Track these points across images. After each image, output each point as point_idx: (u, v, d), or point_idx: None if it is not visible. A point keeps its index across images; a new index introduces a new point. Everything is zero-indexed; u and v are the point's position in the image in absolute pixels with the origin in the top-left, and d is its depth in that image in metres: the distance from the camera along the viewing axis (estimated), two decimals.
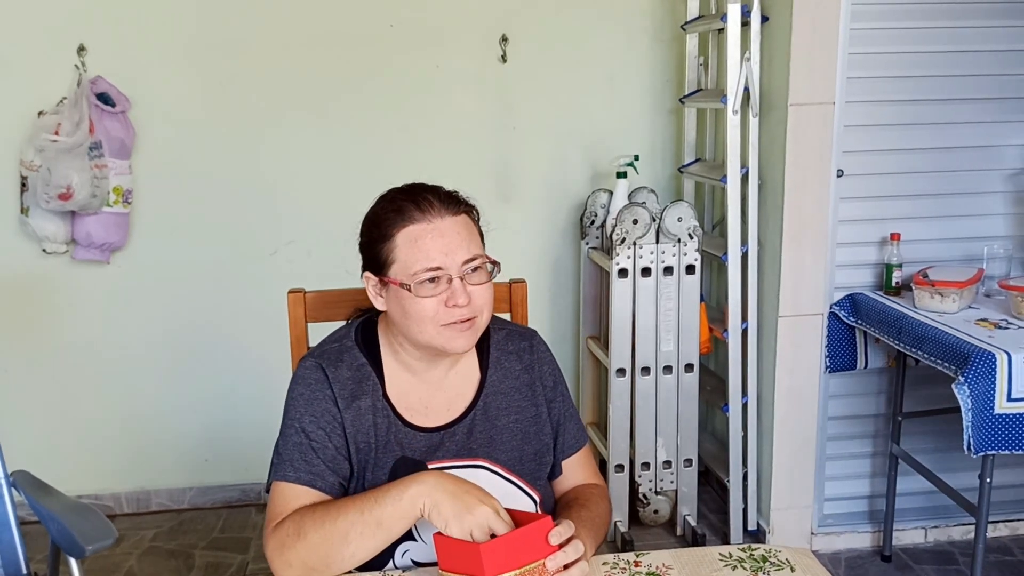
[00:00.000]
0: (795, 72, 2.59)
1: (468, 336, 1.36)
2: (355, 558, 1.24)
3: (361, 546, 1.23)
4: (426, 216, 1.32)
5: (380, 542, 1.24)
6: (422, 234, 1.31)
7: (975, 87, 2.72)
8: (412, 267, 1.32)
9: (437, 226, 1.32)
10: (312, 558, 1.24)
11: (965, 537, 2.90)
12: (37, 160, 2.79)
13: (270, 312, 3.05)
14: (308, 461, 1.35)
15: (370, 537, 1.23)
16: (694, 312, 2.86)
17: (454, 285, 1.32)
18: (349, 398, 1.38)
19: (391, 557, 1.36)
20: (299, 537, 1.25)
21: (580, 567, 1.20)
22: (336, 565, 1.24)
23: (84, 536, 1.69)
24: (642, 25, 3.16)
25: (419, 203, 1.33)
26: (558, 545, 1.19)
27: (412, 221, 1.32)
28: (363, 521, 1.22)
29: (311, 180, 3.10)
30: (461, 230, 1.34)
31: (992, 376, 2.16)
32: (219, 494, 3.25)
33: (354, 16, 3.02)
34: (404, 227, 1.33)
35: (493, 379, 1.47)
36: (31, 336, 3.06)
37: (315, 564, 1.25)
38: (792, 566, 1.31)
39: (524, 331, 1.55)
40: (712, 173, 2.92)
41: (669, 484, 2.99)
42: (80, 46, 2.89)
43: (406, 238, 1.32)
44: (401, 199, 1.36)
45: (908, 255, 2.71)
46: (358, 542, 1.23)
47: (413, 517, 1.22)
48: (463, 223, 1.35)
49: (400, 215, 1.33)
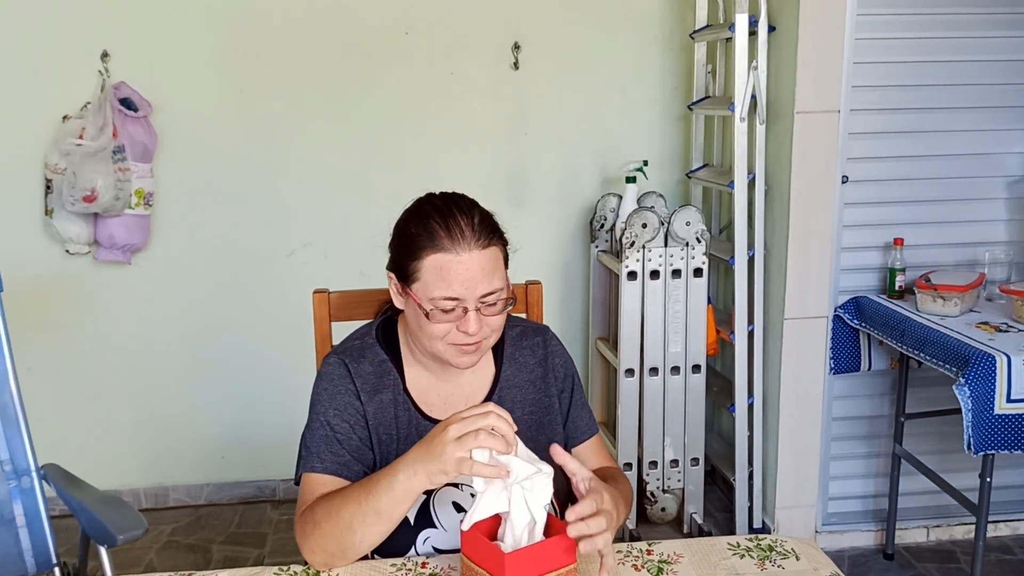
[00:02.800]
0: (801, 81, 2.66)
1: (474, 356, 1.42)
2: (364, 543, 1.30)
3: (367, 533, 1.29)
4: (455, 247, 1.35)
5: (385, 527, 1.29)
6: (448, 265, 1.35)
7: (977, 96, 2.79)
8: (432, 292, 1.36)
9: (464, 260, 1.35)
10: (329, 545, 1.31)
11: (966, 536, 2.96)
12: (62, 163, 2.86)
13: (286, 313, 3.13)
14: (334, 452, 1.41)
15: (373, 525, 1.28)
16: (701, 314, 2.93)
17: (468, 315, 1.37)
18: (371, 392, 1.45)
19: (413, 544, 1.42)
20: (315, 526, 1.32)
21: (604, 538, 1.23)
22: (350, 551, 1.31)
23: (115, 526, 1.75)
24: (652, 34, 3.23)
25: (451, 231, 1.36)
26: (581, 518, 1.22)
27: (441, 249, 1.35)
28: (363, 511, 1.28)
29: (328, 184, 3.17)
30: (486, 264, 1.37)
31: (992, 378, 2.22)
32: (235, 490, 3.32)
33: (371, 24, 3.09)
34: (433, 253, 1.36)
35: (507, 374, 1.53)
36: (54, 335, 3.13)
37: (332, 551, 1.32)
38: (797, 555, 1.38)
39: (537, 327, 1.61)
40: (719, 178, 2.98)
41: (676, 483, 3.05)
42: (104, 52, 2.97)
43: (432, 264, 1.36)
44: (436, 220, 1.38)
45: (911, 260, 2.77)
46: (363, 530, 1.28)
47: (408, 500, 1.27)
48: (490, 256, 1.38)
49: (431, 240, 1.36)
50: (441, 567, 1.36)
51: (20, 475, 1.96)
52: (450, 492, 1.44)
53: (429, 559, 1.39)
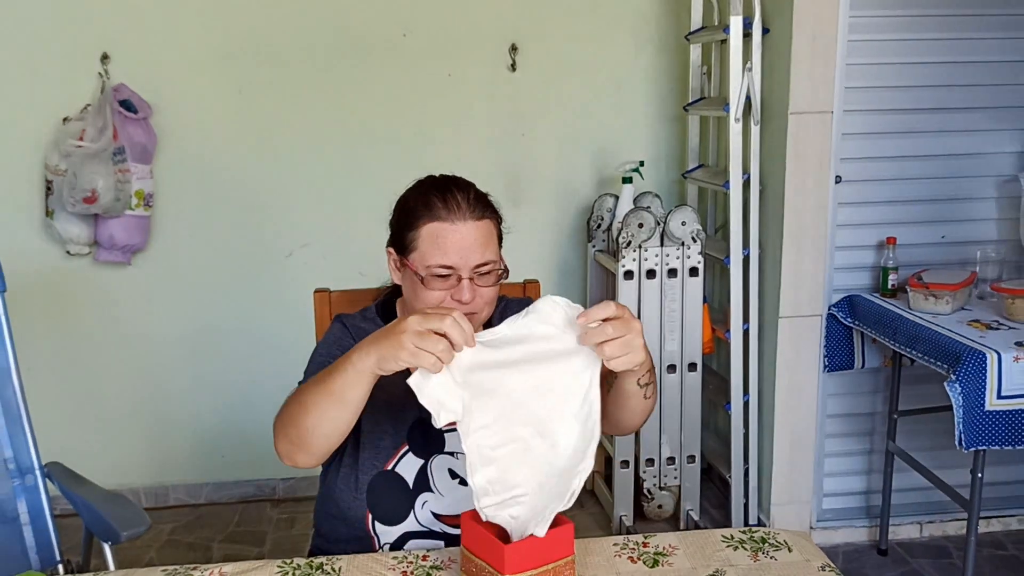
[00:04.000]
0: (795, 82, 2.68)
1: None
2: (318, 429, 1.28)
3: (321, 417, 1.27)
4: (451, 216, 1.42)
5: (336, 412, 1.27)
6: (444, 232, 1.41)
7: (968, 97, 2.82)
8: (429, 260, 1.42)
9: (459, 228, 1.41)
10: (289, 430, 1.32)
11: (959, 532, 2.98)
12: (63, 165, 2.89)
13: (285, 313, 3.15)
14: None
15: (326, 407, 1.26)
16: (697, 313, 2.96)
17: (462, 284, 1.42)
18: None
19: (412, 507, 1.47)
20: (281, 414, 1.34)
21: (625, 347, 1.23)
22: (305, 435, 1.29)
23: (119, 522, 1.77)
24: (647, 35, 3.26)
25: (448, 202, 1.43)
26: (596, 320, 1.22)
27: (437, 219, 1.42)
28: (318, 392, 1.27)
29: (326, 184, 3.19)
30: (480, 235, 1.43)
31: (983, 375, 2.25)
32: (235, 489, 3.34)
33: (369, 26, 3.12)
34: (429, 222, 1.42)
35: None
36: (54, 335, 3.15)
37: (292, 436, 1.31)
38: (789, 547, 1.41)
39: (523, 301, 1.65)
40: (715, 179, 3.01)
41: (672, 480, 3.08)
42: (103, 54, 2.99)
43: (429, 232, 1.42)
44: (434, 194, 1.45)
45: (904, 258, 2.79)
46: (316, 412, 1.27)
47: (359, 383, 1.25)
48: (484, 228, 1.44)
49: (428, 210, 1.43)
50: (442, 559, 1.39)
51: (24, 473, 1.98)
52: (446, 460, 1.49)
53: (430, 552, 1.42)
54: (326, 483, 1.55)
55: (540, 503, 1.24)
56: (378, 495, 1.48)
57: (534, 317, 1.25)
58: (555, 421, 1.25)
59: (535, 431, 1.26)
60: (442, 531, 1.49)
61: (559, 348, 1.25)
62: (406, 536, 1.48)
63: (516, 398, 1.25)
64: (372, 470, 1.48)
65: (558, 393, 1.26)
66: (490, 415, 1.25)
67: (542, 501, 1.24)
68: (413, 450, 1.50)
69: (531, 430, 1.26)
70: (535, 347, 1.25)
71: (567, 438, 1.25)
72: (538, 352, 1.25)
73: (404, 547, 1.48)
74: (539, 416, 1.26)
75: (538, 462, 1.26)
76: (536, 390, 1.26)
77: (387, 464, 1.49)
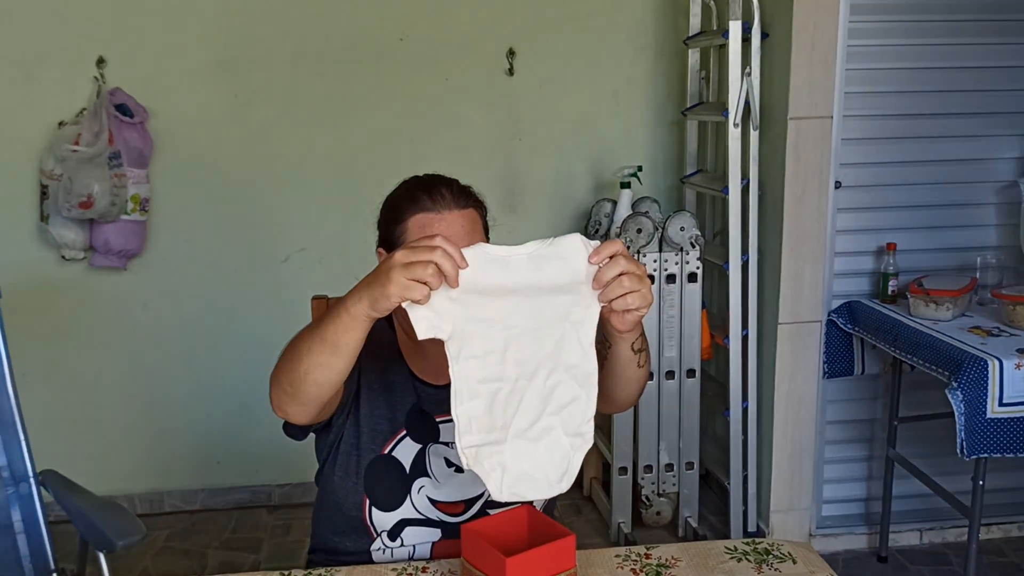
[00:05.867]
0: (794, 87, 2.68)
1: None
2: (310, 376, 1.25)
3: (312, 363, 1.24)
4: (436, 206, 1.44)
5: (331, 358, 1.24)
6: (430, 222, 1.42)
7: (968, 102, 2.81)
8: None
9: (445, 216, 1.43)
10: (282, 378, 1.29)
11: (959, 539, 2.97)
12: (58, 169, 2.87)
13: (281, 318, 3.10)
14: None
15: (318, 353, 1.23)
16: (696, 319, 2.94)
17: None
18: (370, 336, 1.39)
19: (408, 492, 1.47)
20: (278, 362, 1.32)
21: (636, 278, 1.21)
22: (297, 382, 1.26)
23: (115, 532, 1.75)
24: (646, 40, 3.25)
25: (432, 194, 1.45)
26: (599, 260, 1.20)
27: (423, 209, 1.44)
28: (311, 339, 1.25)
29: (323, 190, 3.18)
30: (466, 222, 1.44)
31: (984, 382, 2.24)
32: (230, 496, 3.32)
33: (365, 30, 3.10)
34: (415, 214, 1.44)
35: None
36: (49, 341, 3.13)
37: (284, 385, 1.29)
38: (794, 559, 1.39)
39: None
40: (713, 184, 3.00)
41: (671, 486, 3.06)
42: (99, 58, 2.97)
43: (416, 223, 1.44)
44: (417, 188, 1.48)
45: (904, 264, 2.79)
46: (308, 359, 1.24)
47: (352, 329, 1.21)
48: (469, 217, 1.46)
49: (414, 203, 1.45)
50: (441, 571, 1.37)
51: (18, 481, 1.95)
52: (441, 449, 1.49)
53: (429, 563, 1.40)
54: (323, 474, 1.55)
55: (526, 459, 1.19)
56: (375, 479, 1.48)
57: (554, 251, 1.20)
58: (546, 369, 1.21)
59: (524, 374, 1.20)
60: (438, 518, 1.48)
61: (566, 295, 1.20)
62: (402, 523, 1.48)
63: (511, 335, 1.20)
64: (370, 454, 1.48)
65: (555, 340, 1.21)
66: (481, 347, 1.19)
67: (528, 458, 1.19)
68: (411, 435, 1.50)
69: (520, 372, 1.20)
70: (542, 283, 1.20)
71: (561, 391, 1.21)
72: (544, 290, 1.20)
73: (401, 534, 1.47)
74: (531, 361, 1.20)
75: (524, 408, 1.20)
76: (532, 333, 1.20)
77: (384, 448, 1.48)
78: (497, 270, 1.20)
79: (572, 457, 1.20)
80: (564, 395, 1.21)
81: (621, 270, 1.20)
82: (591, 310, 1.21)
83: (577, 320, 1.21)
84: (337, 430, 1.49)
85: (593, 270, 1.20)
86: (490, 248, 1.21)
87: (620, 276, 1.20)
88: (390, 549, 1.48)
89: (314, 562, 1.55)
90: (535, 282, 1.20)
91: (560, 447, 1.20)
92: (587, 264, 1.20)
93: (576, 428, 1.21)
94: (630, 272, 1.20)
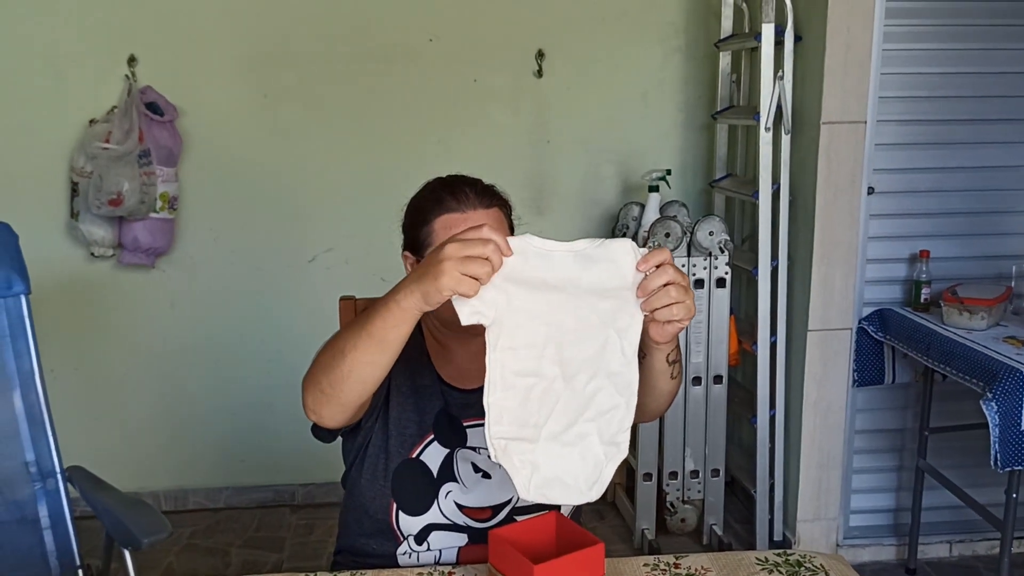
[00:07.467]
0: (828, 91, 2.64)
1: None
2: (352, 374, 1.23)
3: (356, 360, 1.22)
4: (461, 206, 1.44)
5: (376, 354, 1.22)
6: (456, 223, 1.42)
7: (1005, 108, 2.77)
8: None
9: (470, 216, 1.43)
10: (320, 378, 1.27)
11: (990, 552, 2.92)
12: (88, 167, 2.89)
13: (307, 317, 3.14)
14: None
15: (363, 350, 1.21)
16: (724, 325, 2.91)
17: None
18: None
19: (435, 496, 1.45)
20: (314, 363, 1.30)
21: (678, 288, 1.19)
22: (338, 382, 1.25)
23: (140, 529, 1.75)
24: (676, 42, 3.23)
25: (456, 194, 1.45)
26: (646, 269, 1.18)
27: (448, 210, 1.44)
28: (355, 335, 1.23)
29: (350, 189, 3.18)
30: (491, 222, 1.41)
31: (1020, 393, 2.19)
32: (254, 494, 3.32)
33: (395, 30, 3.10)
34: (441, 215, 1.44)
35: None
36: (77, 337, 3.15)
37: (323, 385, 1.26)
38: (826, 571, 1.36)
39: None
40: (743, 188, 2.97)
41: (696, 494, 3.03)
42: (130, 57, 2.99)
43: (442, 224, 1.44)
44: (441, 189, 1.48)
45: (937, 272, 2.74)
46: (352, 355, 1.22)
47: (401, 323, 1.19)
48: (494, 216, 1.46)
49: (438, 204, 1.46)
50: None
51: (45, 477, 1.96)
52: (469, 453, 1.48)
53: (455, 568, 1.39)
54: (350, 477, 1.54)
55: (558, 462, 1.17)
56: (403, 483, 1.47)
57: (603, 253, 1.18)
58: (587, 373, 1.18)
59: (563, 375, 1.18)
60: (465, 524, 1.47)
61: (610, 300, 1.18)
62: (429, 528, 1.46)
63: (552, 332, 1.18)
64: (398, 457, 1.47)
65: (599, 345, 1.18)
66: (521, 339, 1.17)
67: (561, 462, 1.17)
68: (438, 439, 1.49)
69: (559, 371, 1.18)
70: (585, 283, 1.17)
71: (601, 397, 1.18)
72: (586, 289, 1.18)
73: (427, 539, 1.46)
74: (573, 362, 1.18)
75: (561, 410, 1.18)
76: (576, 334, 1.18)
77: (412, 452, 1.47)
78: (540, 262, 1.17)
79: (605, 466, 1.18)
80: (604, 402, 1.19)
81: (668, 279, 1.18)
82: (636, 318, 1.19)
83: (623, 328, 1.19)
84: (365, 433, 1.48)
85: (639, 278, 1.18)
86: (535, 240, 1.18)
87: (667, 286, 1.18)
88: (416, 553, 1.46)
89: (339, 563, 1.54)
90: (578, 280, 1.18)
91: (594, 454, 1.18)
92: (634, 270, 1.19)
93: (612, 437, 1.19)
94: (677, 283, 1.18)
